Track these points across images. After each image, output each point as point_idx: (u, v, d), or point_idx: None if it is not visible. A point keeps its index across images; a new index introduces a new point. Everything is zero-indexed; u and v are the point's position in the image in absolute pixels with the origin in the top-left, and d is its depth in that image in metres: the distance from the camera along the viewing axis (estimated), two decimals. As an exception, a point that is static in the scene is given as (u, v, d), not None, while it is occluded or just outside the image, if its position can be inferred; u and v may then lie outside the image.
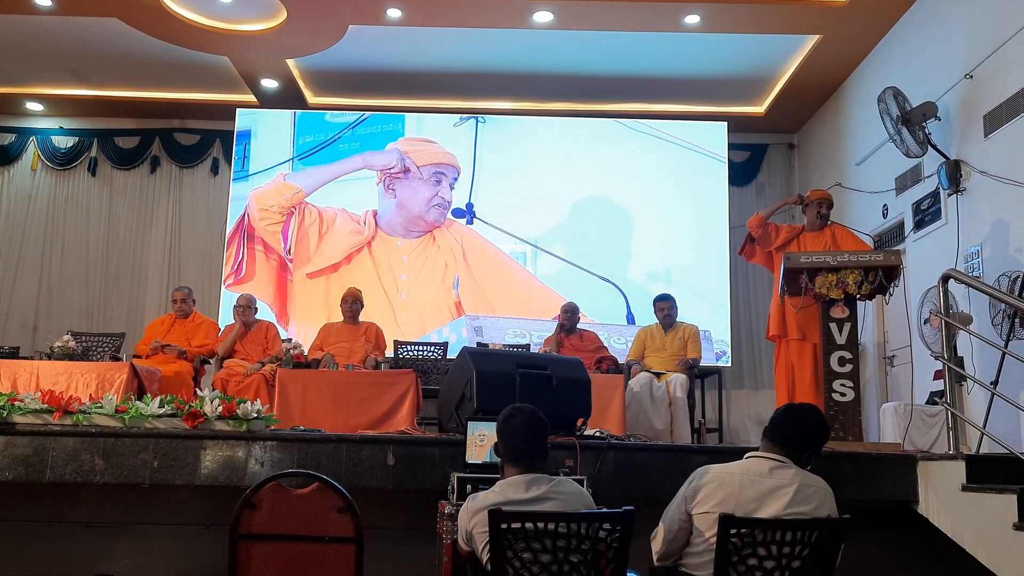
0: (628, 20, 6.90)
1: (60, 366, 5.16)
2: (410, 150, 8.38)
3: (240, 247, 8.22)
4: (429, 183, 8.32)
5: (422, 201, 8.30)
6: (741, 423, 8.45)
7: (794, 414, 2.68)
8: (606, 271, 8.22)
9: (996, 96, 5.39)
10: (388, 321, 7.75)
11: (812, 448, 2.64)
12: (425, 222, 8.29)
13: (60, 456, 3.56)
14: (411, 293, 8.14)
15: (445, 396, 4.14)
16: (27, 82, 8.39)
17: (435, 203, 8.28)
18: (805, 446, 2.63)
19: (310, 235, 8.26)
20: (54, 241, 8.80)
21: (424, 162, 8.35)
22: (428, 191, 8.31)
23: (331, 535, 2.80)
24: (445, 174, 8.33)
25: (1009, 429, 4.69)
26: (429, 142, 8.40)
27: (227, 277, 8.17)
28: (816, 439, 2.65)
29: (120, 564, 3.82)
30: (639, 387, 5.93)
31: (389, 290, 8.12)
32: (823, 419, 2.71)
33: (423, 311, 8.10)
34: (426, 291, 8.15)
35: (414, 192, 8.32)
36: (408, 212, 8.31)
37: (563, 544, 2.31)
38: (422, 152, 8.39)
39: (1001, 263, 5.19)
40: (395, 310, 8.07)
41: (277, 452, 3.61)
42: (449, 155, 8.38)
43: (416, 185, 8.33)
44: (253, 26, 7.17)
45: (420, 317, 8.07)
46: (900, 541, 3.88)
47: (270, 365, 5.87)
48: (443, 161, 8.36)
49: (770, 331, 5.44)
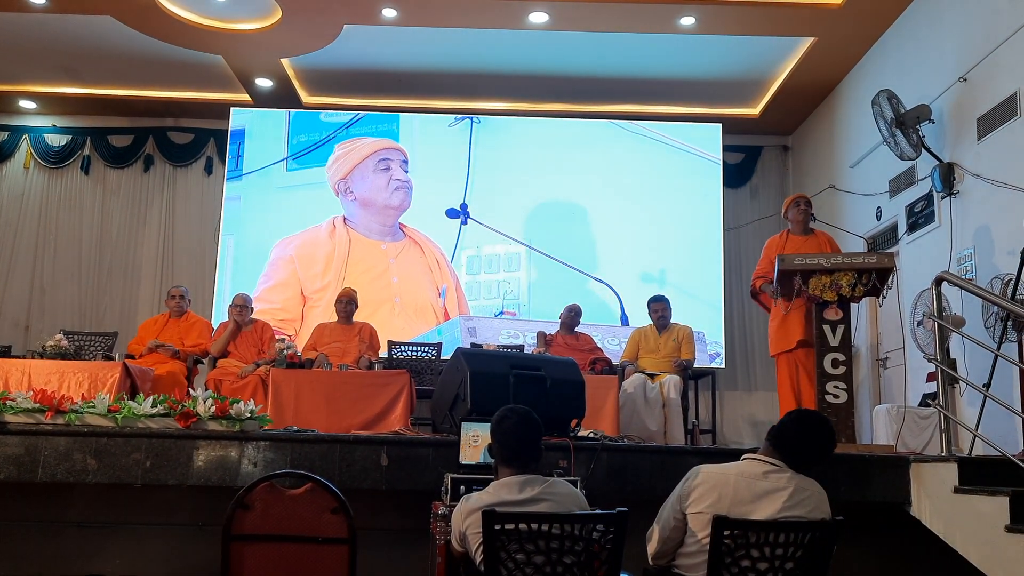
0: (623, 21, 6.90)
1: (52, 365, 5.13)
2: (343, 154, 8.36)
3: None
4: (378, 171, 8.31)
5: (380, 189, 8.30)
6: (734, 425, 8.46)
7: (803, 425, 2.61)
8: (600, 272, 8.23)
9: (990, 99, 5.41)
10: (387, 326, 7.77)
11: (815, 461, 2.58)
12: (392, 208, 8.27)
13: (52, 456, 3.54)
14: (404, 297, 8.13)
15: (439, 397, 4.13)
16: (20, 80, 8.35)
17: (394, 186, 8.27)
18: (808, 458, 2.57)
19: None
20: (47, 240, 8.77)
21: (362, 156, 8.33)
22: (381, 178, 8.30)
23: (324, 536, 2.80)
24: (390, 158, 8.33)
25: (1001, 431, 4.70)
26: (360, 139, 8.40)
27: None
28: (822, 454, 2.59)
29: (112, 564, 3.80)
30: (633, 388, 5.93)
31: (383, 295, 8.10)
32: (832, 433, 2.62)
33: (419, 315, 8.08)
34: (418, 294, 8.14)
35: (368, 184, 8.32)
36: (373, 206, 8.30)
37: (557, 545, 2.31)
38: (357, 148, 8.37)
39: (994, 266, 5.21)
40: (392, 315, 8.06)
41: (270, 452, 3.60)
42: (385, 140, 8.37)
43: (367, 177, 8.32)
44: (248, 25, 7.15)
45: (415, 321, 8.06)
46: (892, 543, 3.89)
47: (265, 367, 5.83)
48: (381, 147, 8.35)
49: (773, 349, 5.21)
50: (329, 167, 8.37)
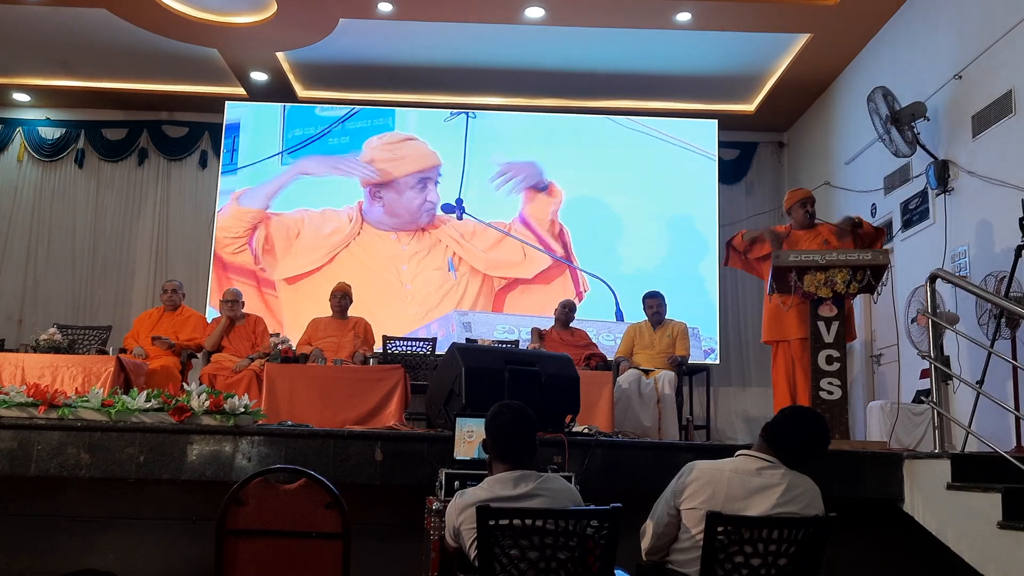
0: (619, 17, 6.89)
1: (46, 359, 5.12)
2: (388, 159, 8.31)
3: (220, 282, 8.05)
4: (416, 189, 8.29)
5: (412, 208, 8.27)
6: (729, 421, 8.48)
7: (797, 421, 2.62)
8: (595, 268, 8.23)
9: (985, 97, 5.42)
10: (393, 314, 7.77)
11: (809, 457, 2.58)
12: (417, 225, 8.28)
13: (45, 450, 3.53)
14: (415, 284, 8.11)
15: (434, 392, 4.13)
16: (14, 72, 8.30)
17: (426, 208, 8.27)
18: (802, 455, 2.57)
19: (277, 246, 8.18)
20: (40, 233, 8.73)
21: (406, 171, 8.29)
22: (416, 198, 8.27)
23: (318, 531, 2.80)
24: (430, 177, 8.30)
25: (994, 428, 4.72)
26: (410, 140, 8.35)
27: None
28: (816, 450, 2.60)
29: (105, 559, 3.79)
30: (627, 384, 5.94)
31: (391, 282, 8.09)
32: (826, 430, 2.63)
33: (428, 302, 8.07)
34: (430, 280, 8.12)
35: (402, 201, 8.28)
36: (399, 219, 8.28)
37: (551, 541, 2.31)
38: (402, 160, 8.32)
39: (988, 263, 5.22)
40: (401, 302, 8.05)
41: (264, 447, 3.60)
42: (430, 155, 8.33)
43: (404, 192, 8.29)
44: (243, 18, 7.12)
45: (426, 307, 8.06)
46: (885, 539, 3.91)
47: (259, 361, 5.84)
48: (426, 165, 8.31)
49: (765, 335, 5.20)
50: (366, 161, 8.30)
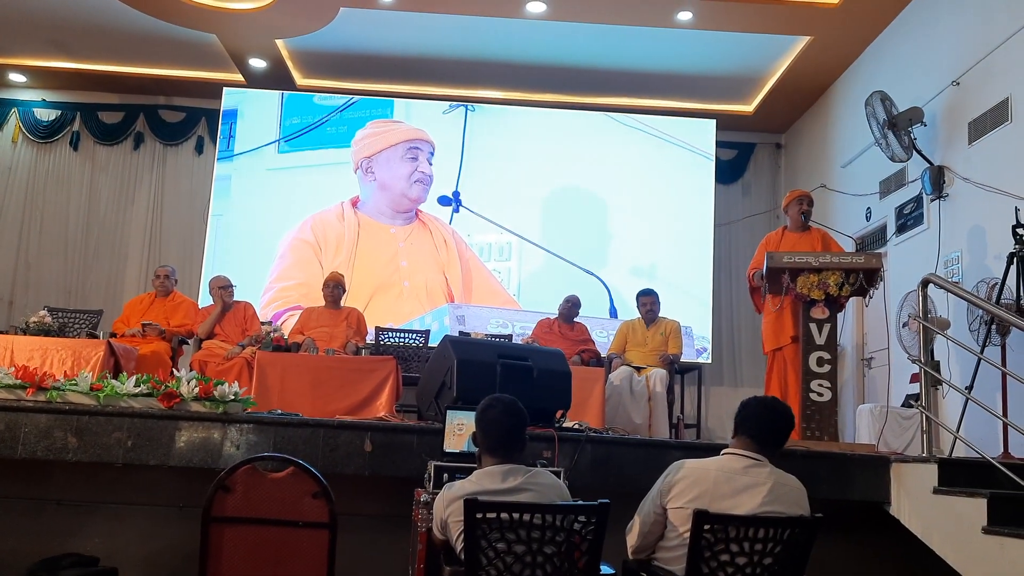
0: (621, 14, 6.88)
1: (35, 342, 5.10)
2: (378, 131, 8.31)
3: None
4: (406, 159, 8.27)
5: (402, 178, 8.25)
6: (719, 420, 8.49)
7: (770, 410, 2.68)
8: (590, 264, 8.22)
9: (982, 104, 5.43)
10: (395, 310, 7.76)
11: (782, 436, 2.68)
12: (408, 199, 8.24)
13: (32, 432, 3.51)
14: (413, 281, 8.10)
15: (425, 384, 4.12)
16: (9, 52, 8.25)
17: (416, 178, 8.24)
18: (778, 441, 2.66)
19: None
20: (33, 215, 8.68)
21: (395, 140, 8.28)
22: (406, 167, 8.26)
23: (305, 520, 2.80)
24: (420, 148, 8.28)
25: (982, 434, 4.73)
26: (396, 122, 8.35)
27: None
28: (787, 434, 2.71)
29: (91, 543, 3.78)
30: (619, 381, 5.95)
31: (392, 279, 8.07)
32: (791, 413, 2.75)
33: (427, 298, 8.06)
34: (428, 277, 8.12)
35: (392, 170, 8.27)
36: (391, 192, 8.26)
37: (537, 535, 2.31)
38: (391, 132, 8.32)
39: (980, 269, 5.24)
40: (400, 299, 8.03)
41: (253, 435, 3.59)
42: (419, 130, 8.33)
43: (394, 163, 8.28)
44: (243, 4, 7.08)
45: (424, 303, 8.05)
46: (871, 541, 3.92)
47: (251, 348, 5.83)
48: (415, 136, 8.30)
49: (767, 346, 5.20)
50: (357, 142, 8.29)
